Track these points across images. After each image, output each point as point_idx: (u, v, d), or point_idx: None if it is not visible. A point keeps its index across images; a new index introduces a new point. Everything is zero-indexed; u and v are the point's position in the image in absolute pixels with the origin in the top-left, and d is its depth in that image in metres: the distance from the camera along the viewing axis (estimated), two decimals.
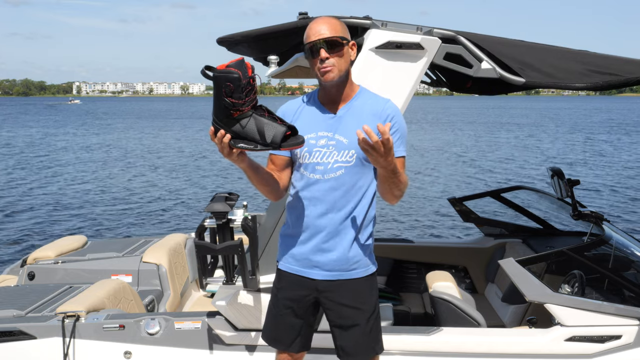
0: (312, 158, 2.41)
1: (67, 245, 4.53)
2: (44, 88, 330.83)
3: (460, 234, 9.80)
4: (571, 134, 34.17)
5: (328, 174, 2.40)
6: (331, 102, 2.45)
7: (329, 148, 2.39)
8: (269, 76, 3.66)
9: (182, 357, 3.18)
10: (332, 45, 2.32)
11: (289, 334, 2.58)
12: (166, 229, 10.33)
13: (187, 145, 27.89)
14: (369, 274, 2.53)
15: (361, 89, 2.49)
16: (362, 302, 2.50)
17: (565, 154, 23.11)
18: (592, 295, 3.35)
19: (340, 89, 2.42)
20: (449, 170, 18.10)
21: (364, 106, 2.43)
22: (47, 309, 3.40)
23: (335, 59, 2.32)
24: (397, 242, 5.05)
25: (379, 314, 2.58)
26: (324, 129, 2.42)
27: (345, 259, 2.45)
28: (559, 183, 4.13)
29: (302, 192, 2.46)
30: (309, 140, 2.41)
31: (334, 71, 2.33)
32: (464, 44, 2.92)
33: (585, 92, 3.26)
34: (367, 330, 2.51)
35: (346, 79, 2.42)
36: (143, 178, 16.94)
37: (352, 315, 2.49)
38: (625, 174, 17.34)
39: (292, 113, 2.50)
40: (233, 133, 2.16)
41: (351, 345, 2.50)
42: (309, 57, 2.36)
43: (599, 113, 68.70)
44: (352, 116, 2.41)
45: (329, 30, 2.33)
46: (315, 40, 2.31)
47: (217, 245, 2.92)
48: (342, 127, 2.40)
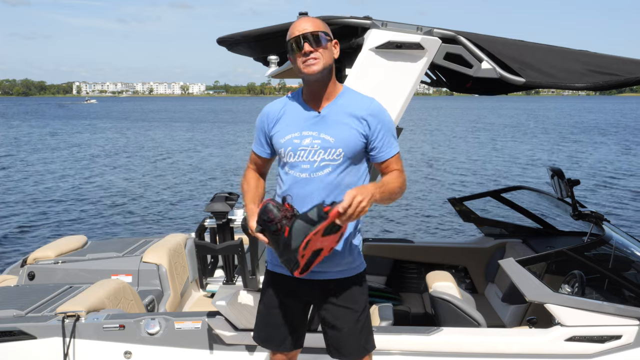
0: (298, 157, 2.41)
1: (67, 245, 4.53)
2: (44, 88, 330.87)
3: (460, 234, 9.80)
4: (546, 134, 34.21)
5: (315, 172, 2.39)
6: (315, 100, 2.44)
7: (314, 147, 2.39)
8: (269, 76, 3.66)
9: (182, 357, 3.18)
10: (315, 40, 2.33)
11: (279, 334, 2.58)
12: (166, 229, 10.33)
13: (187, 145, 27.89)
14: (358, 273, 2.53)
15: (345, 88, 2.50)
16: (353, 301, 2.50)
17: (538, 155, 23.11)
18: (592, 295, 3.35)
19: (324, 86, 2.42)
20: (449, 170, 18.11)
21: (348, 105, 2.43)
22: (47, 309, 3.40)
23: (320, 52, 2.34)
24: (397, 242, 5.05)
25: (369, 313, 2.59)
26: (307, 128, 2.42)
27: (335, 258, 2.44)
28: (559, 183, 4.13)
29: (288, 191, 2.45)
30: (293, 140, 2.41)
31: (318, 64, 2.34)
32: (464, 44, 2.92)
33: (585, 92, 3.26)
34: (358, 329, 2.51)
35: (329, 76, 2.43)
36: (143, 178, 16.94)
37: (342, 315, 2.49)
38: (609, 173, 17.35)
39: (275, 113, 2.50)
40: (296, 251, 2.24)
41: (342, 344, 2.51)
42: (293, 52, 2.36)
43: (588, 113, 68.65)
44: (336, 115, 2.41)
45: (312, 26, 2.35)
46: (299, 35, 2.33)
47: (217, 245, 2.93)
48: (327, 126, 2.40)
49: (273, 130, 2.49)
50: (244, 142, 29.44)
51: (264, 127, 2.53)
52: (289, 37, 2.38)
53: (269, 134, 2.51)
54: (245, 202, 2.58)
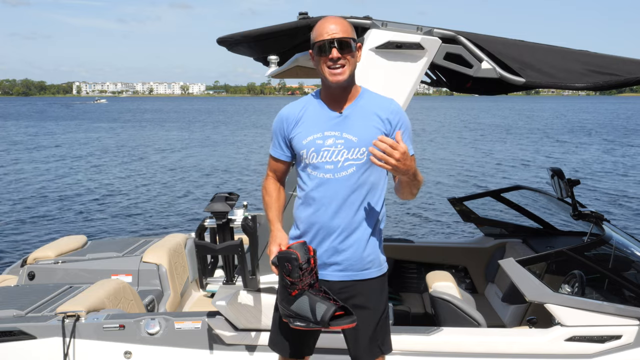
0: (321, 157, 2.39)
1: (67, 245, 4.53)
2: (44, 88, 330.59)
3: (460, 234, 9.80)
4: (531, 134, 34.23)
5: (339, 172, 2.38)
6: (335, 102, 2.43)
7: (338, 147, 2.37)
8: (269, 76, 3.66)
9: (182, 357, 3.18)
10: (344, 46, 2.30)
11: (293, 342, 2.54)
12: (166, 229, 10.33)
13: (187, 146, 27.89)
14: (381, 274, 2.52)
15: (364, 89, 2.49)
16: (375, 302, 2.49)
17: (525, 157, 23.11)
18: (592, 295, 3.35)
19: (346, 91, 2.41)
20: (449, 171, 18.11)
21: (369, 105, 2.42)
22: (47, 309, 3.40)
23: (346, 60, 2.32)
24: (397, 242, 5.05)
25: (388, 314, 2.57)
26: (330, 128, 2.40)
27: (360, 258, 2.44)
28: (559, 183, 4.13)
29: (312, 192, 2.42)
30: (316, 140, 2.39)
31: (344, 73, 2.32)
32: (464, 44, 2.92)
33: (585, 92, 3.26)
34: (377, 330, 2.50)
35: (352, 81, 2.42)
36: (143, 178, 16.94)
37: (363, 316, 2.46)
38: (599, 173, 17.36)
39: (294, 115, 2.47)
40: (291, 312, 2.34)
41: (360, 345, 2.49)
42: (319, 54, 2.32)
43: (579, 113, 68.53)
44: (358, 115, 2.40)
45: (342, 30, 2.31)
46: (328, 39, 2.29)
47: (217, 245, 2.92)
48: (349, 125, 2.38)
49: (293, 132, 2.45)
50: (243, 143, 29.44)
51: (282, 130, 2.49)
52: (317, 38, 2.33)
53: (288, 136, 2.48)
54: (269, 218, 2.55)
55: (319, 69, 2.36)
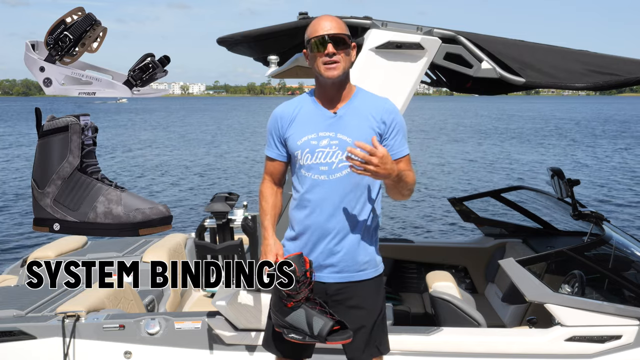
0: (315, 159, 2.38)
1: (67, 245, 4.53)
2: None
3: (460, 234, 9.79)
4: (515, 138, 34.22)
5: (334, 173, 2.37)
6: (329, 101, 2.42)
7: (332, 148, 2.36)
8: (269, 76, 3.66)
9: (182, 357, 3.18)
10: (340, 42, 2.31)
11: (287, 343, 2.50)
12: None
13: (187, 146, 27.88)
14: (377, 275, 2.52)
15: (358, 89, 2.48)
16: (371, 303, 2.48)
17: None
18: (592, 295, 3.35)
19: (340, 89, 2.41)
20: (449, 170, 18.10)
21: (363, 105, 2.42)
22: (47, 309, 3.40)
23: (341, 56, 2.32)
24: (397, 242, 5.05)
25: (385, 315, 2.57)
26: (324, 128, 2.39)
27: (356, 260, 2.43)
28: (559, 183, 4.13)
29: (307, 194, 2.42)
30: (311, 141, 2.39)
31: (338, 68, 2.32)
32: (464, 44, 2.91)
33: (585, 92, 3.26)
34: (374, 331, 2.49)
35: (346, 79, 2.42)
36: (143, 178, 16.94)
37: (360, 317, 2.45)
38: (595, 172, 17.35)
39: (288, 114, 2.47)
40: (286, 323, 2.34)
41: (357, 346, 2.47)
42: (313, 50, 2.33)
43: (572, 113, 68.39)
44: (353, 115, 2.39)
45: (336, 27, 2.33)
46: (323, 34, 2.30)
47: (217, 245, 2.92)
48: (344, 126, 2.38)
49: (288, 132, 2.45)
50: (243, 143, 29.43)
51: (277, 129, 2.48)
52: (311, 35, 2.34)
53: (283, 136, 2.47)
54: (264, 225, 2.52)
55: (314, 65, 2.36)
